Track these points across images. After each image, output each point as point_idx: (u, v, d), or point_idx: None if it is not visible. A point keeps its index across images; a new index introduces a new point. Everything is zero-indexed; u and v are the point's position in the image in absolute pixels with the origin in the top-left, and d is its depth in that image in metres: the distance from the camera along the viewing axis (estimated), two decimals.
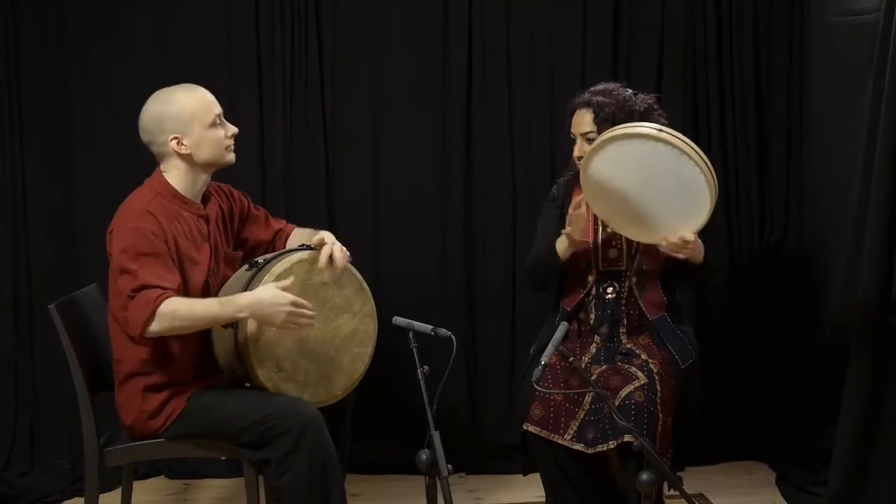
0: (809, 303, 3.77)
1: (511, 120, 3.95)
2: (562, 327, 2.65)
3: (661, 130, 2.75)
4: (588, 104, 2.99)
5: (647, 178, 2.82)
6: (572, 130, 3.04)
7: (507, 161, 3.96)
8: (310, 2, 3.82)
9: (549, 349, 2.57)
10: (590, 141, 2.96)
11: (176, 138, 2.76)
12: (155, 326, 2.61)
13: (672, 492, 2.71)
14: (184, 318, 2.63)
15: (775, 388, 3.96)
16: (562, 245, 3.00)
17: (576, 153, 3.02)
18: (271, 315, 2.65)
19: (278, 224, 3.09)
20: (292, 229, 3.08)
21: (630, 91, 3.03)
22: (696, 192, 2.78)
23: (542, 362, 2.53)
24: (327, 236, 2.86)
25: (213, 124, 2.79)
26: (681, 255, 2.87)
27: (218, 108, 2.82)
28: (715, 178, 2.77)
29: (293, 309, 2.66)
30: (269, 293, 2.65)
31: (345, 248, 2.85)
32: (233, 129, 2.84)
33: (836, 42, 3.44)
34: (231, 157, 2.85)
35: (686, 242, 2.83)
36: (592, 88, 3.04)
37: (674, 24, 3.92)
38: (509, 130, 3.96)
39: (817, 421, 3.62)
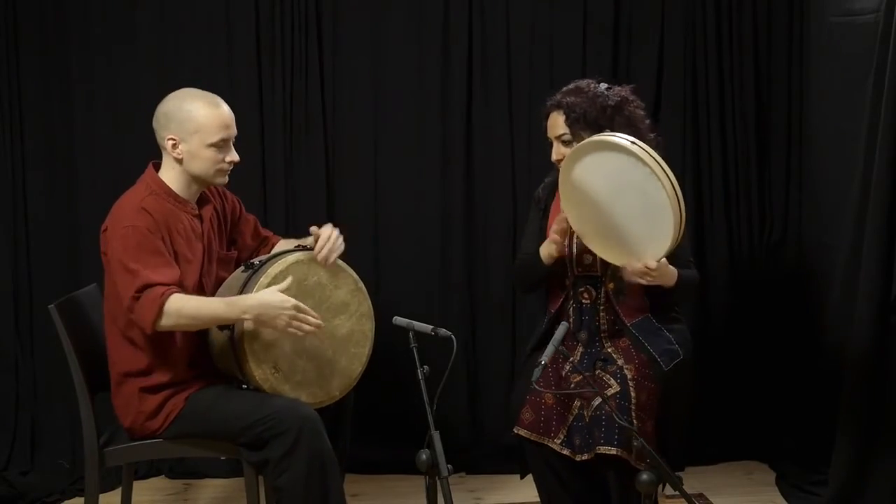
0: (809, 302, 3.77)
1: (511, 120, 3.95)
2: (562, 327, 2.64)
3: (633, 143, 2.65)
4: (559, 105, 2.92)
5: (618, 192, 2.72)
6: (548, 134, 2.98)
7: (507, 161, 3.96)
8: (310, 2, 3.83)
9: (550, 349, 2.56)
10: (565, 143, 2.91)
11: (173, 140, 2.77)
12: (164, 322, 2.63)
13: (672, 492, 2.71)
14: (189, 315, 2.65)
15: (775, 388, 3.96)
16: (545, 251, 2.95)
17: (553, 157, 2.96)
18: (274, 318, 2.66)
19: (265, 232, 3.11)
20: (278, 240, 3.09)
21: (603, 85, 2.95)
22: (661, 216, 2.65)
23: (542, 362, 2.52)
24: (325, 229, 2.86)
25: (215, 145, 2.77)
26: (643, 282, 2.77)
27: (228, 133, 2.79)
28: (682, 205, 2.63)
29: (295, 313, 2.67)
30: (275, 297, 2.67)
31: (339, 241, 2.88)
32: (233, 157, 2.82)
33: (836, 42, 3.44)
34: (221, 180, 2.83)
35: (649, 270, 2.73)
36: (564, 88, 2.97)
37: (674, 24, 3.92)
38: (509, 130, 3.96)
39: (817, 421, 3.62)
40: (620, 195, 2.73)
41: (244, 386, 2.78)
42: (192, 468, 3.87)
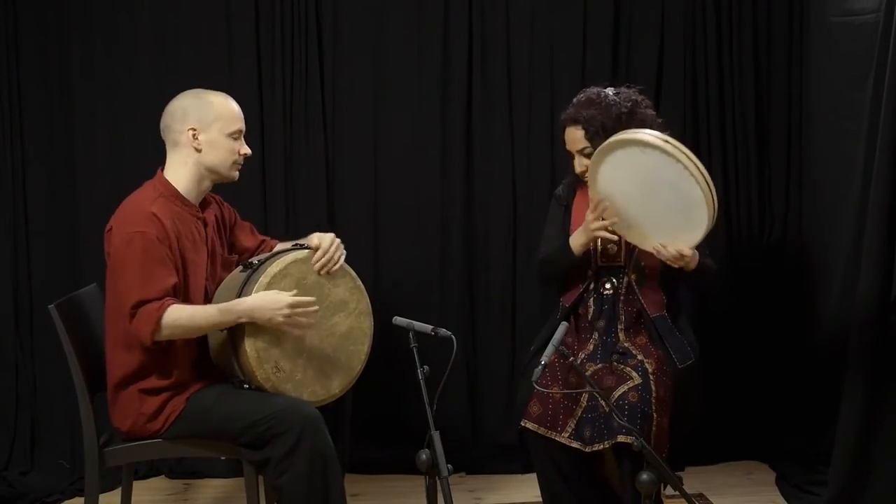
0: (809, 302, 3.77)
1: (511, 120, 3.95)
2: (562, 327, 2.66)
3: (666, 142, 2.74)
4: (576, 120, 2.99)
5: (649, 186, 2.82)
6: (568, 147, 3.05)
7: (507, 161, 3.96)
8: (310, 2, 3.83)
9: (549, 349, 2.57)
10: (587, 156, 2.97)
11: (193, 130, 2.79)
12: (162, 334, 2.66)
13: (672, 492, 2.71)
14: (185, 326, 2.68)
15: (775, 388, 3.96)
16: (577, 242, 3.00)
17: (577, 168, 3.03)
18: (270, 318, 2.68)
19: (262, 236, 3.14)
20: (276, 243, 3.10)
21: (611, 90, 3.01)
22: (695, 209, 2.77)
23: (543, 362, 2.53)
24: (325, 239, 2.88)
25: (232, 135, 2.83)
26: (675, 265, 2.88)
27: (241, 125, 2.87)
28: (715, 197, 2.75)
29: (291, 311, 2.69)
30: (267, 297, 2.69)
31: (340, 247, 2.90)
32: (246, 150, 2.88)
33: (836, 42, 3.44)
34: (235, 174, 2.88)
35: (682, 256, 2.84)
36: (576, 101, 3.02)
37: (674, 24, 3.92)
38: (509, 130, 3.96)
39: (817, 421, 3.62)
40: (652, 190, 2.82)
41: (246, 386, 2.77)
42: (192, 468, 3.87)
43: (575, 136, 3.00)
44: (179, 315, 2.66)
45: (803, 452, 3.72)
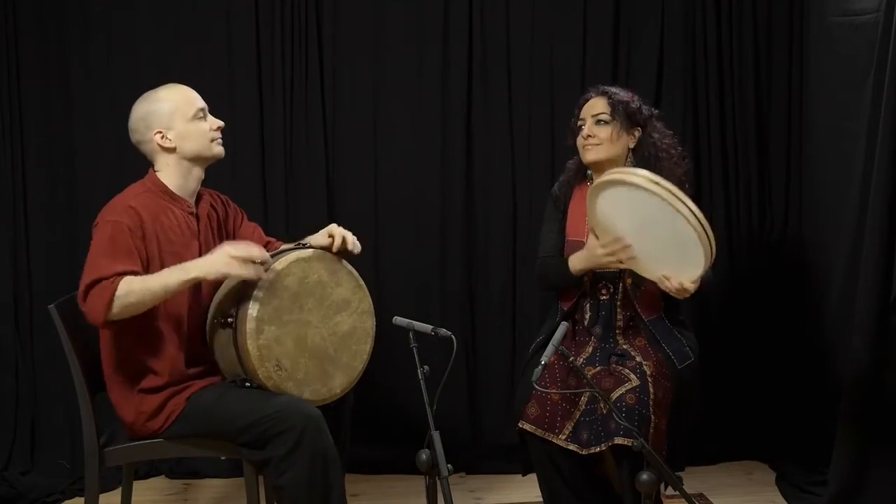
0: (809, 302, 3.77)
1: (511, 120, 3.96)
2: (562, 327, 2.66)
3: (655, 183, 2.68)
4: (602, 93, 3.07)
5: (645, 224, 2.80)
6: (582, 115, 3.07)
7: (507, 161, 3.96)
8: (310, 2, 3.83)
9: (550, 349, 2.57)
10: (599, 122, 3.01)
11: (160, 132, 2.79)
12: (115, 310, 2.59)
13: (672, 492, 2.71)
14: (139, 291, 2.59)
15: (775, 388, 3.96)
16: (579, 266, 2.99)
17: (585, 131, 3.04)
18: (221, 264, 2.63)
19: (268, 238, 3.12)
20: (280, 244, 3.09)
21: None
22: (691, 249, 2.73)
23: (543, 362, 2.53)
24: (334, 229, 2.88)
25: (196, 117, 2.81)
26: (678, 297, 2.88)
27: (201, 103, 2.84)
28: (710, 236, 2.69)
29: (236, 252, 2.63)
30: (216, 251, 2.67)
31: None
32: (217, 122, 2.86)
33: (836, 42, 3.44)
34: (218, 149, 2.86)
35: (685, 290, 2.82)
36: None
37: (674, 24, 3.92)
38: (509, 130, 3.96)
39: (817, 420, 3.62)
40: (648, 228, 2.80)
41: (248, 384, 2.77)
42: (192, 468, 3.87)
43: (596, 104, 3.05)
44: (132, 283, 2.59)
45: (803, 452, 3.72)
